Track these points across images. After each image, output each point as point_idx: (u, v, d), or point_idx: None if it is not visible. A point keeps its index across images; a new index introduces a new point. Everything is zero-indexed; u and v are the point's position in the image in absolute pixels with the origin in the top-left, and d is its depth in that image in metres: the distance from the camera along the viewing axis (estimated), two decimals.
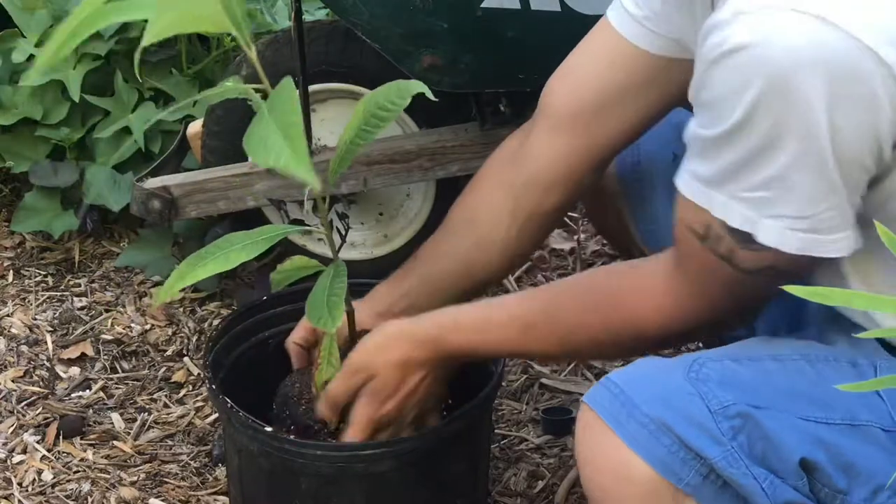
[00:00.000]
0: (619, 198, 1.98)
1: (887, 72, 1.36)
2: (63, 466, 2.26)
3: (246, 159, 2.47)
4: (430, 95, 1.70)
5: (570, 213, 2.93)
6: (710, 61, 1.42)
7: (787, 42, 1.36)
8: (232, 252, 1.73)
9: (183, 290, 2.60)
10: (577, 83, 1.83)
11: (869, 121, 1.38)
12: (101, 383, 2.45)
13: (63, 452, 2.29)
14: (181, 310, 2.62)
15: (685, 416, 1.47)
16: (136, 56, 1.50)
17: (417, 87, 1.72)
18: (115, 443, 2.31)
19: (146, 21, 1.45)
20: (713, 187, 1.48)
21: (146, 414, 2.38)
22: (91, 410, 2.38)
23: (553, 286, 1.82)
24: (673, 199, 1.85)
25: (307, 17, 2.74)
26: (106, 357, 2.51)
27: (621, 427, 1.48)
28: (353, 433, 1.83)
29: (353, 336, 1.87)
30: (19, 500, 2.19)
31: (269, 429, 1.87)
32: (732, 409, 1.47)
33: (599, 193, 1.99)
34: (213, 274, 1.72)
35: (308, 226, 2.07)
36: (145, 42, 1.40)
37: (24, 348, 2.53)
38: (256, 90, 1.69)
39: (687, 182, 1.52)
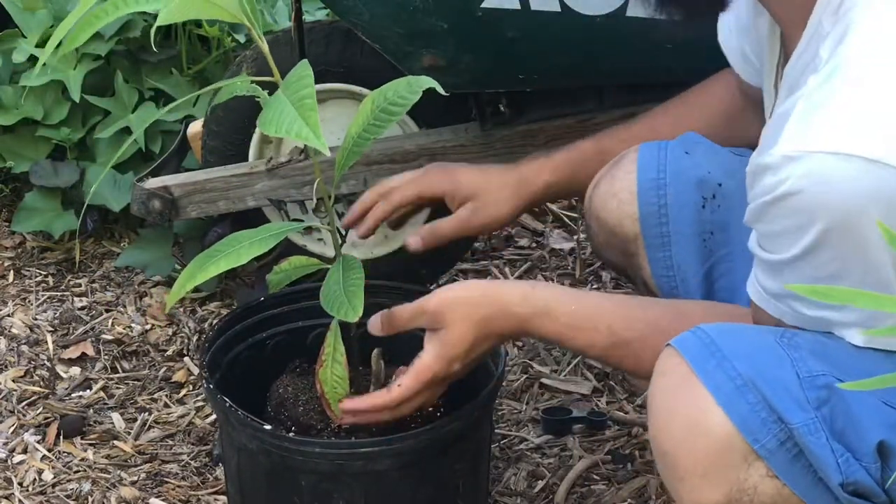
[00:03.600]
0: (636, 240, 1.96)
1: None
2: (63, 466, 2.26)
3: (246, 159, 2.47)
4: (440, 90, 1.70)
5: (569, 214, 2.94)
6: (766, 203, 1.46)
7: (840, 186, 1.40)
8: (242, 249, 1.74)
9: None
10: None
11: None
12: (101, 383, 2.45)
13: (63, 452, 2.29)
14: (181, 310, 2.62)
15: (773, 378, 1.47)
16: (153, 31, 1.54)
17: (427, 82, 1.72)
18: (115, 442, 2.31)
19: (148, 24, 1.48)
20: (781, 301, 1.53)
21: (146, 414, 2.38)
22: (91, 410, 2.38)
23: (653, 307, 1.80)
24: (697, 250, 1.89)
25: (307, 18, 2.74)
26: (106, 357, 2.51)
27: (708, 376, 1.47)
28: (412, 383, 1.80)
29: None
30: (20, 500, 2.19)
31: (268, 427, 1.88)
32: (821, 380, 1.47)
33: (614, 233, 1.98)
34: (224, 271, 1.73)
35: (312, 223, 2.08)
36: (164, 21, 1.44)
37: (24, 348, 2.53)
38: (263, 85, 1.70)
39: (757, 292, 1.57)
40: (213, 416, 2.34)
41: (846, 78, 1.44)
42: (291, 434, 1.91)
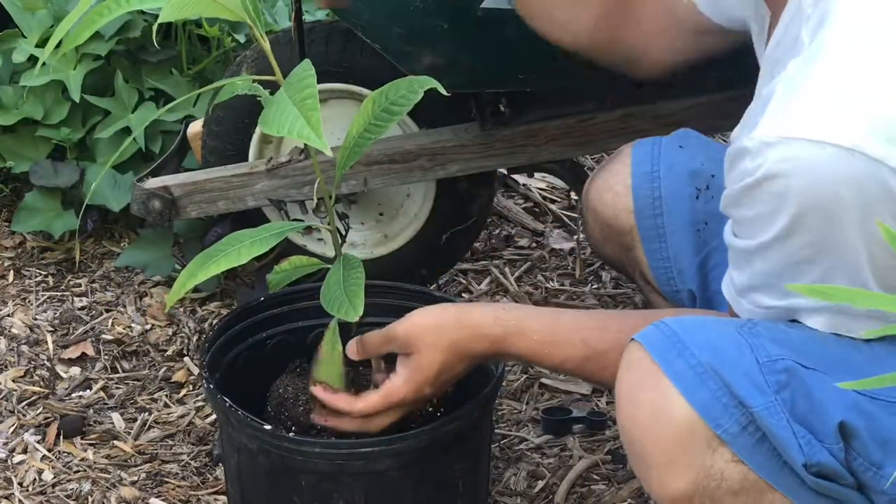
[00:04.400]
0: (632, 232, 1.98)
1: None
2: (63, 466, 2.26)
3: (246, 159, 2.47)
4: (442, 91, 1.70)
5: (569, 214, 2.94)
6: (743, 186, 1.48)
7: (815, 173, 1.41)
8: (242, 248, 1.74)
9: None
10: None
11: None
12: (101, 383, 2.45)
13: (63, 452, 2.29)
14: (181, 310, 2.62)
15: (733, 364, 1.49)
16: (154, 27, 1.55)
17: (429, 82, 1.72)
18: (115, 442, 2.31)
19: (148, 24, 1.48)
20: (745, 296, 1.56)
21: (146, 414, 2.38)
22: (91, 410, 2.38)
23: (626, 317, 1.82)
24: (691, 240, 1.90)
25: (307, 18, 2.74)
26: (106, 357, 2.51)
27: (669, 365, 1.50)
28: (378, 402, 1.82)
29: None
30: (20, 500, 2.19)
31: (268, 427, 1.88)
32: (780, 364, 1.49)
33: (609, 226, 2.00)
34: (224, 271, 1.73)
35: (311, 223, 2.08)
36: (167, 18, 1.44)
37: (24, 348, 2.53)
38: (265, 85, 1.70)
39: (728, 290, 1.59)
40: (213, 416, 2.34)
41: (826, 64, 1.45)
42: (291, 434, 1.91)
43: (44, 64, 2.75)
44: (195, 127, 2.55)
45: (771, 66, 1.59)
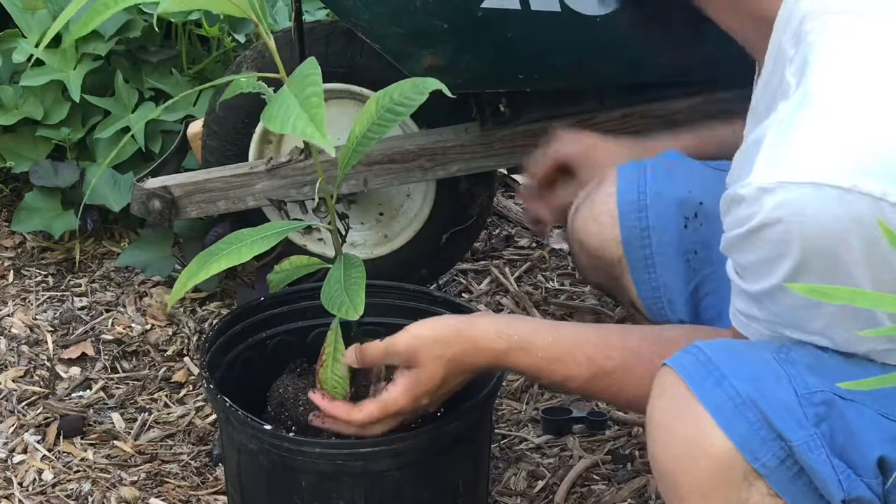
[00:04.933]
0: (620, 262, 1.95)
1: None
2: (63, 466, 2.26)
3: (246, 159, 2.47)
4: (447, 93, 1.70)
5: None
6: (742, 233, 1.45)
7: (815, 216, 1.39)
8: (243, 247, 1.74)
9: None
10: None
11: None
12: (101, 383, 2.45)
13: (63, 452, 2.29)
14: (181, 310, 2.62)
15: (772, 396, 1.46)
16: (154, 17, 1.55)
17: (434, 84, 1.72)
18: (115, 442, 2.31)
19: (148, 24, 1.48)
20: (762, 325, 1.53)
21: (146, 414, 2.38)
22: (91, 410, 2.38)
23: (631, 334, 1.77)
24: (681, 270, 1.87)
25: (307, 18, 2.74)
26: (106, 357, 2.51)
27: (707, 395, 1.46)
28: (376, 412, 1.81)
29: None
30: (20, 500, 2.19)
31: (268, 427, 1.88)
32: (819, 396, 1.46)
33: (597, 257, 1.97)
34: (225, 269, 1.73)
35: (312, 222, 2.07)
36: (167, 9, 1.44)
37: (24, 348, 2.53)
38: (267, 83, 1.70)
39: (738, 319, 1.56)
40: (213, 416, 2.34)
41: (815, 107, 1.42)
42: (291, 434, 1.91)
43: (39, 60, 2.75)
44: (195, 127, 2.55)
45: (761, 107, 1.56)
